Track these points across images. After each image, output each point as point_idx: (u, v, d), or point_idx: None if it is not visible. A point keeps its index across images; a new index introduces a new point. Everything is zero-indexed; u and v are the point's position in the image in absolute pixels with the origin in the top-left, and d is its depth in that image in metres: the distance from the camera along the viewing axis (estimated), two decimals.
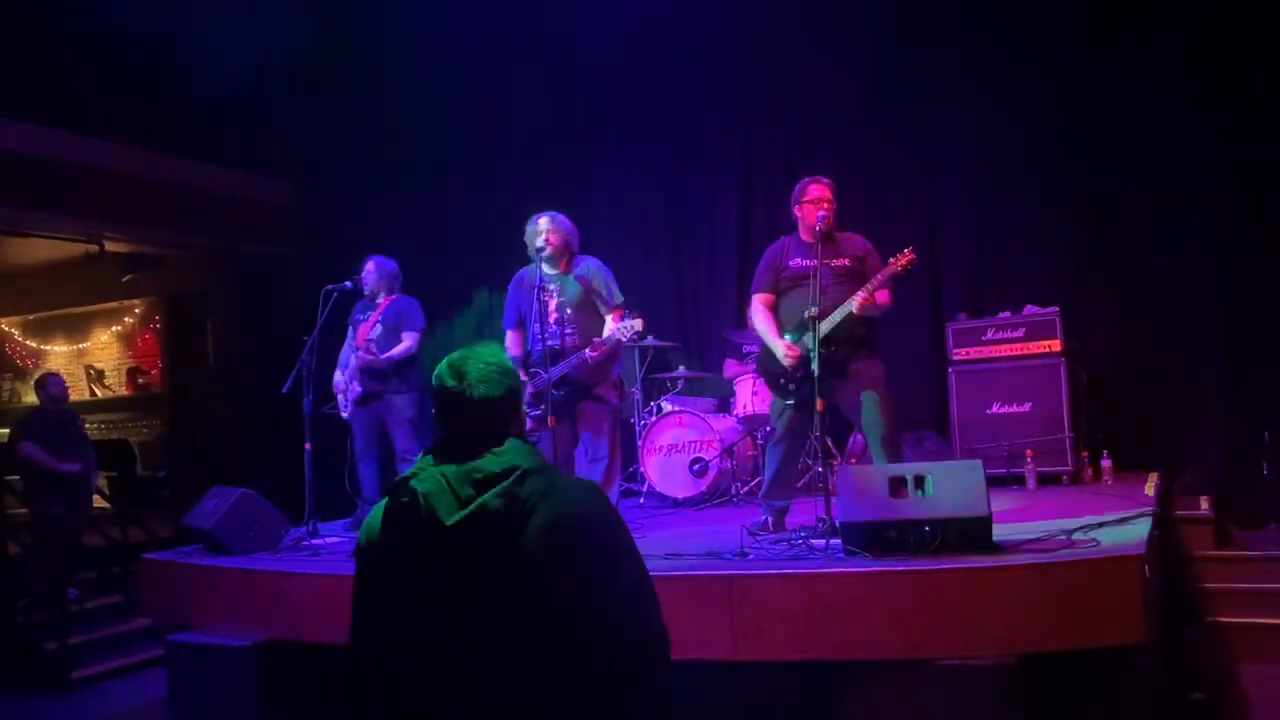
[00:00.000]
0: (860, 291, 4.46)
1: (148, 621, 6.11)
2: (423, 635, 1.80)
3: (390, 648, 1.84)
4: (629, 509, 6.24)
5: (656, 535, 4.98)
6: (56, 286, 11.13)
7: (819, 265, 4.51)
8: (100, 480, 8.07)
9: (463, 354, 1.91)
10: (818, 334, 4.32)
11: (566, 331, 4.93)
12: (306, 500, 5.36)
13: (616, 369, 5.08)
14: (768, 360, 4.77)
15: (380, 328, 5.80)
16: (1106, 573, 3.29)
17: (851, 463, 6.20)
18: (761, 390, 6.17)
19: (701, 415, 6.47)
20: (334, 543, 5.20)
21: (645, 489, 6.65)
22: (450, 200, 8.47)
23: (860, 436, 5.58)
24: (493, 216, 6.98)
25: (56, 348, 12.26)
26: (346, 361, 5.90)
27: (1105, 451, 6.00)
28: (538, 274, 4.94)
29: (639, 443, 6.62)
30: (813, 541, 4.05)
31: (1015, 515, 4.52)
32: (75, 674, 6.40)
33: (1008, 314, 6.38)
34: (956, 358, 6.37)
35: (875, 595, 3.43)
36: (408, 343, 5.75)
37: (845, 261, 4.65)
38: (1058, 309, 6.19)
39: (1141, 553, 3.37)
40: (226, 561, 4.87)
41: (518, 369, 2.01)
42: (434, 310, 6.01)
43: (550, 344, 4.79)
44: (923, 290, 7.03)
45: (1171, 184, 6.45)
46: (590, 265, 5.06)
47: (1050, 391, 6.05)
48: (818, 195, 4.67)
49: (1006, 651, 3.29)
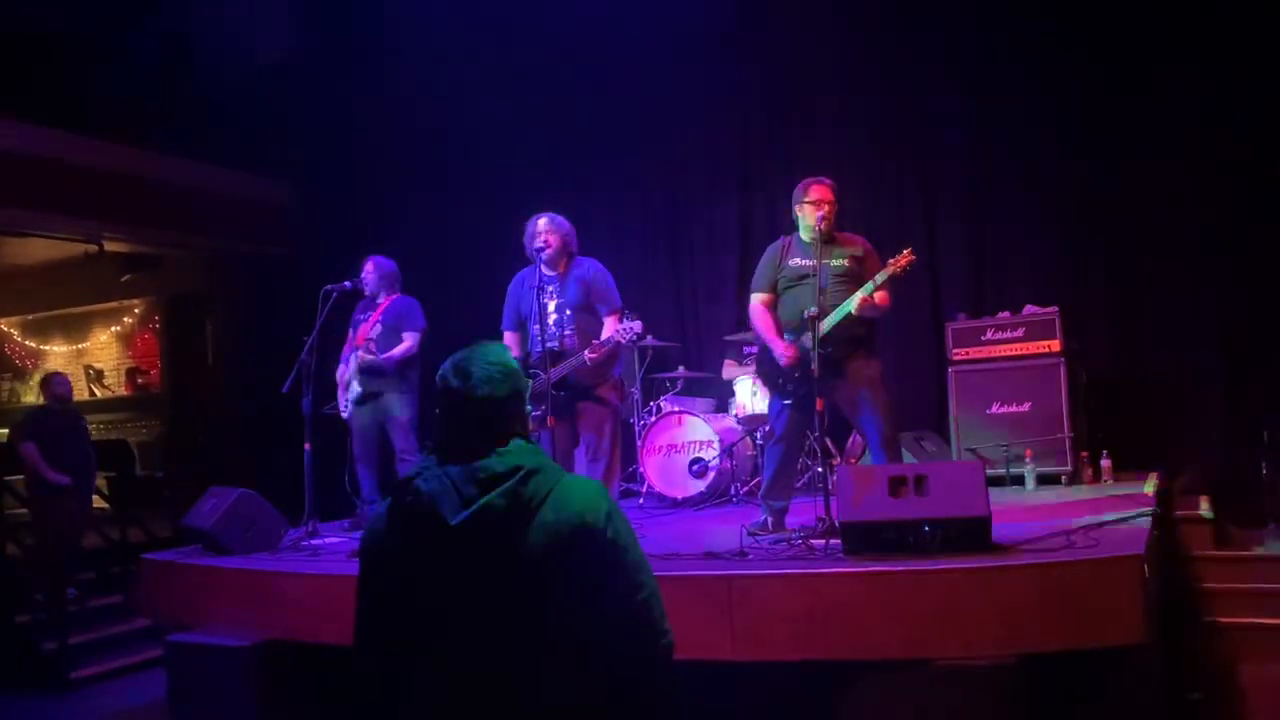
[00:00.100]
0: (859, 292, 4.46)
1: (147, 622, 6.10)
2: (426, 635, 1.80)
3: (394, 647, 1.84)
4: (629, 509, 6.23)
5: (656, 535, 4.97)
6: (56, 286, 11.11)
7: (818, 265, 4.51)
8: (99, 480, 8.07)
9: (467, 354, 1.91)
10: (817, 334, 4.32)
11: (566, 333, 4.91)
12: (306, 500, 5.35)
13: (617, 369, 5.06)
14: (766, 360, 4.77)
15: (380, 327, 5.80)
16: (1106, 573, 3.29)
17: (851, 462, 6.20)
18: (761, 390, 6.17)
19: (701, 415, 6.47)
20: (333, 543, 5.20)
21: (645, 489, 6.65)
22: (450, 200, 8.46)
23: (859, 436, 5.58)
24: (492, 216, 6.97)
25: (55, 348, 12.25)
26: (347, 361, 5.91)
27: (1105, 451, 6.00)
28: (537, 275, 4.93)
29: (638, 443, 6.62)
30: (812, 541, 4.05)
31: (1015, 515, 4.51)
32: (75, 674, 6.40)
33: (1007, 314, 6.38)
34: (956, 358, 6.37)
35: (875, 595, 3.43)
36: (408, 343, 5.75)
37: (845, 262, 4.65)
38: (1057, 309, 6.19)
39: (1141, 553, 3.37)
40: (226, 562, 4.86)
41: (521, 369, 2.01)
42: (434, 310, 6.01)
43: (550, 345, 4.77)
44: (922, 290, 7.03)
45: (1171, 184, 6.46)
46: (589, 267, 5.05)
47: (1050, 391, 6.05)
48: (819, 196, 4.67)
49: (1006, 651, 3.29)
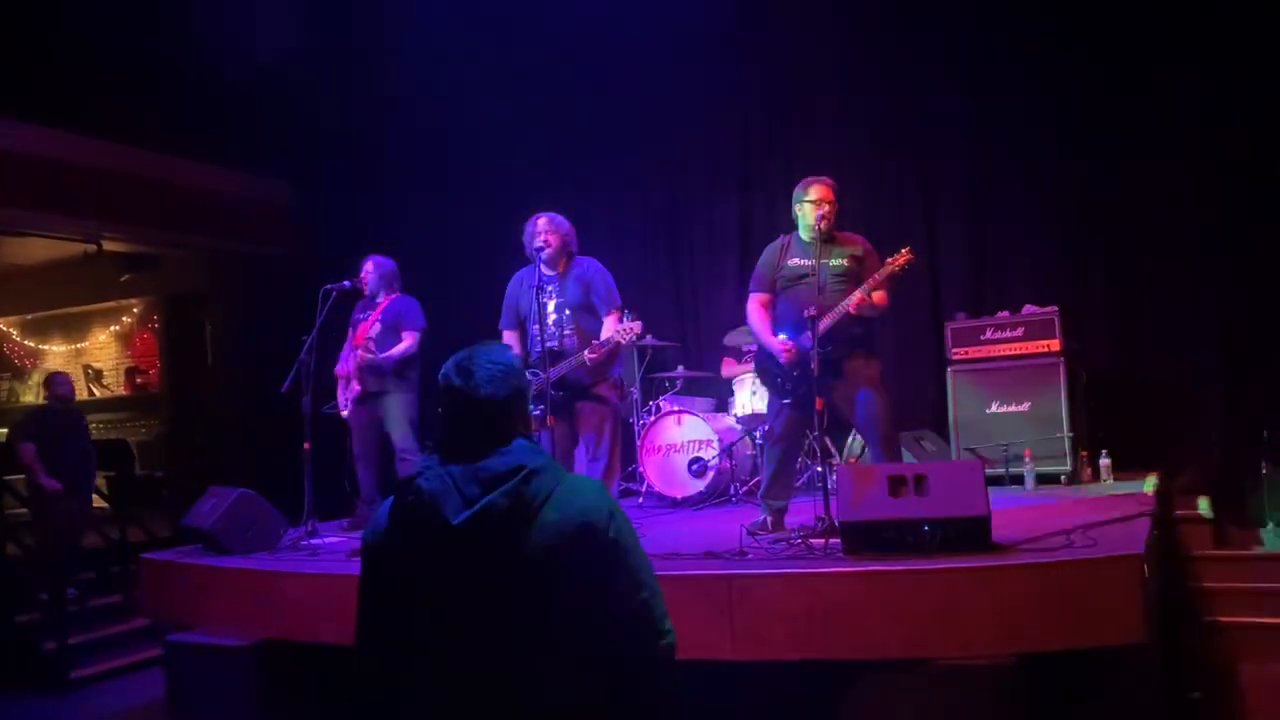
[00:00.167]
0: (857, 291, 4.46)
1: (146, 621, 6.10)
2: (428, 635, 1.80)
3: (395, 647, 1.84)
4: (628, 509, 6.19)
5: (656, 535, 4.97)
6: (54, 286, 11.08)
7: (818, 265, 4.50)
8: (99, 480, 8.07)
9: (469, 353, 1.91)
10: (817, 333, 4.32)
11: (565, 332, 4.91)
12: (305, 500, 5.35)
13: (616, 369, 5.06)
14: (765, 360, 4.77)
15: (380, 326, 5.80)
16: (1105, 572, 3.29)
17: (850, 462, 6.20)
18: (760, 390, 6.17)
19: (700, 415, 6.47)
20: (332, 542, 5.20)
21: (644, 489, 6.65)
22: (450, 200, 8.46)
23: (858, 435, 5.58)
24: (492, 216, 6.97)
25: (54, 347, 12.23)
26: (346, 361, 5.90)
27: (1104, 451, 5.99)
28: (536, 274, 4.93)
29: (638, 442, 6.62)
30: (812, 541, 4.05)
31: (1014, 515, 4.51)
32: (74, 674, 6.40)
33: (1006, 313, 6.37)
34: (955, 357, 6.37)
35: (874, 595, 3.43)
36: (407, 342, 5.75)
37: (844, 261, 4.64)
38: (1056, 309, 6.18)
39: (1140, 552, 3.37)
40: (225, 561, 4.86)
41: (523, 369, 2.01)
42: (434, 310, 6.01)
43: (549, 345, 4.77)
44: (921, 290, 7.03)
45: (1171, 184, 6.46)
46: (589, 266, 5.04)
47: (1049, 391, 6.05)
48: (819, 195, 4.67)
49: (1005, 651, 3.29)
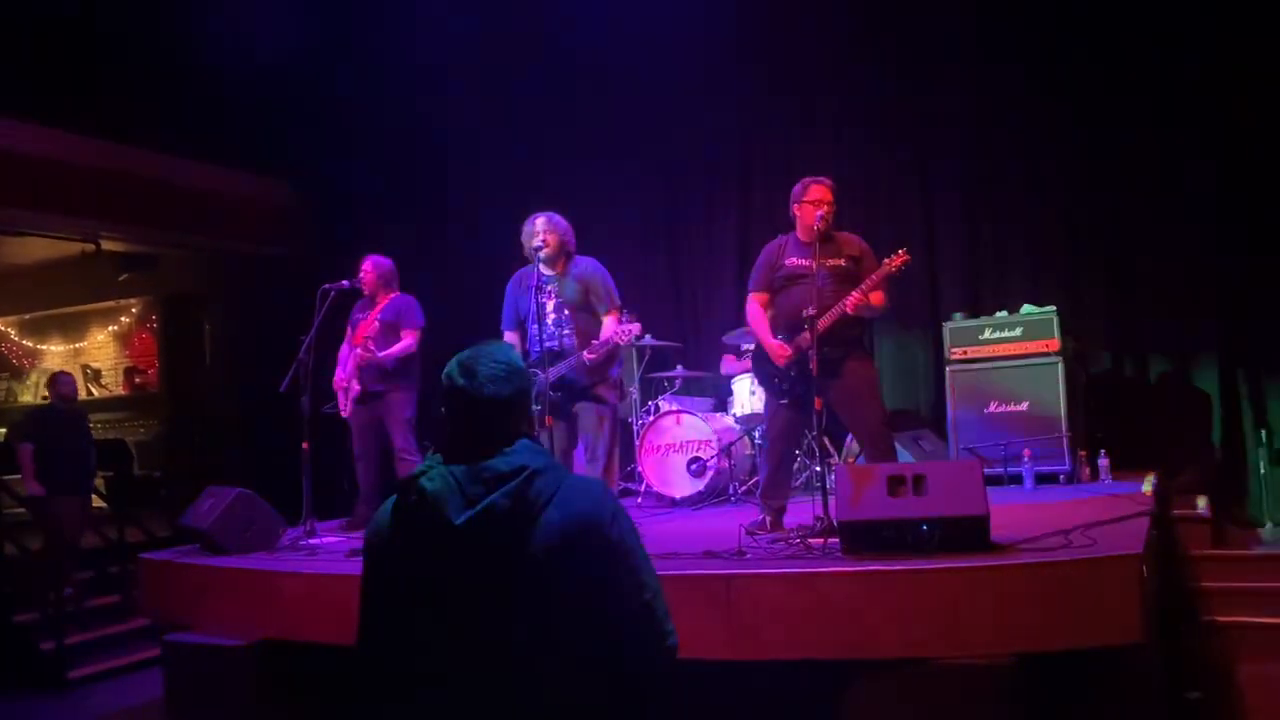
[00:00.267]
0: (854, 292, 4.46)
1: (145, 621, 6.10)
2: (430, 635, 1.80)
3: (397, 647, 1.83)
4: (627, 509, 6.22)
5: (654, 535, 4.96)
6: (53, 286, 11.09)
7: (815, 265, 4.51)
8: (97, 480, 8.06)
9: (473, 353, 1.90)
10: (816, 333, 4.32)
11: (564, 332, 4.91)
12: (304, 500, 5.35)
13: (615, 369, 5.06)
14: (763, 360, 4.77)
15: (379, 326, 5.79)
16: (1104, 572, 3.28)
17: (849, 462, 6.20)
18: (759, 390, 6.17)
19: (699, 415, 6.47)
20: (331, 542, 5.19)
21: (643, 489, 6.65)
22: (450, 200, 8.46)
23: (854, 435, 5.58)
24: (492, 217, 6.97)
25: (53, 347, 12.23)
26: (346, 361, 5.90)
27: (1103, 451, 6.00)
28: (535, 274, 4.93)
29: (637, 442, 6.61)
30: (810, 541, 4.04)
31: (1013, 515, 4.51)
32: (72, 674, 6.40)
33: (1005, 313, 6.38)
34: (954, 357, 6.37)
35: (873, 594, 3.42)
36: (407, 341, 5.74)
37: (842, 262, 4.64)
38: (1055, 308, 6.19)
39: (1139, 552, 3.37)
40: (223, 561, 4.85)
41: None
42: (434, 310, 6.01)
43: (548, 345, 4.77)
44: (921, 289, 7.04)
45: (1171, 183, 6.46)
46: (588, 266, 5.04)
47: (1047, 391, 6.05)
48: (818, 196, 4.66)
49: (1004, 651, 3.28)
